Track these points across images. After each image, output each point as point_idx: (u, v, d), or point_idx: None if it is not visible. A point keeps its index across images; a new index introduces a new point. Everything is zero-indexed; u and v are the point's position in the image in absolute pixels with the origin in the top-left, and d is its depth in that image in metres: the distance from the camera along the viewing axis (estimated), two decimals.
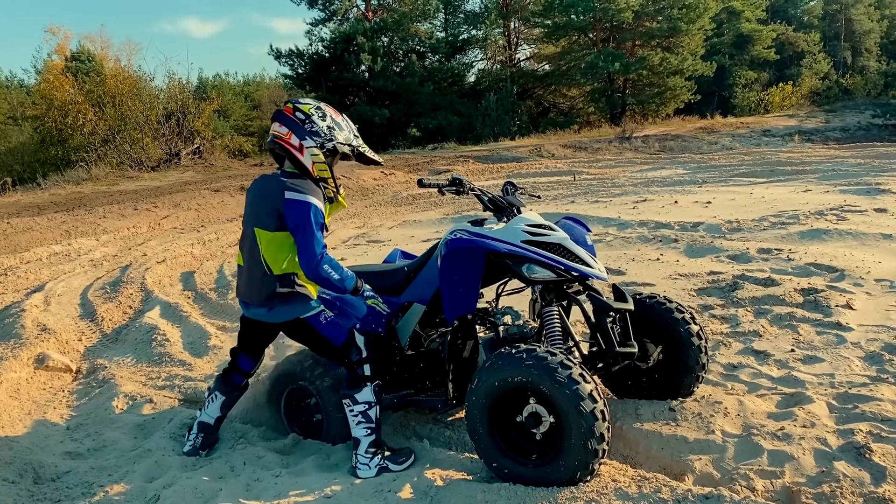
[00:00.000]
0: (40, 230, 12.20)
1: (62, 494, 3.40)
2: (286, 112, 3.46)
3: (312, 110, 3.46)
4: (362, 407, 3.41)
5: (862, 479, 2.89)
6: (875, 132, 26.24)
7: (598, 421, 2.78)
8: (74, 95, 28.46)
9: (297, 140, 3.38)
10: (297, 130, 3.40)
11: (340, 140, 3.48)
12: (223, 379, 3.77)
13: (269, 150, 3.56)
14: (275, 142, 3.44)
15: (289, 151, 3.39)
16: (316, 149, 3.39)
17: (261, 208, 3.36)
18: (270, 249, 3.33)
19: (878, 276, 5.85)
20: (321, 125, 3.44)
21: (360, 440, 3.38)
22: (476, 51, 42.45)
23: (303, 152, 3.37)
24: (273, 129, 3.45)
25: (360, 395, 3.41)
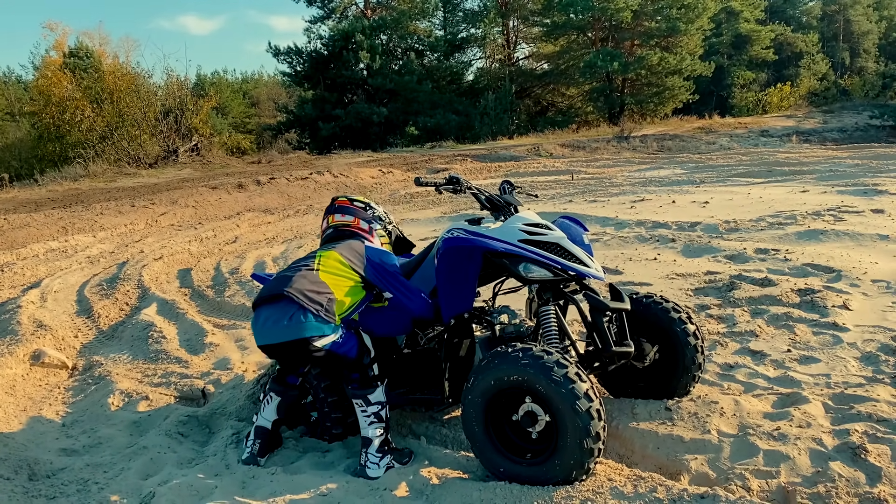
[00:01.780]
0: (37, 226, 12.18)
1: (57, 491, 3.39)
2: (344, 204, 3.83)
3: (367, 200, 3.94)
4: (375, 408, 3.40)
5: (857, 479, 2.89)
6: (873, 133, 26.28)
7: (593, 420, 2.78)
8: (72, 92, 28.45)
9: (365, 224, 3.77)
10: (361, 216, 3.77)
11: (395, 223, 4.08)
12: (278, 380, 3.64)
13: (322, 241, 3.81)
14: (339, 230, 3.72)
15: (357, 235, 3.70)
16: (382, 230, 3.92)
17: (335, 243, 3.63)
18: (328, 265, 3.48)
19: (874, 277, 5.85)
20: (380, 211, 3.98)
21: (373, 440, 3.36)
22: (475, 49, 42.54)
23: (372, 234, 3.77)
24: (333, 220, 3.77)
25: (372, 395, 3.41)
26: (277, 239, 10.77)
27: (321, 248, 3.59)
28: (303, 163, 25.07)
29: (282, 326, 3.22)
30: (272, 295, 3.29)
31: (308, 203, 15.38)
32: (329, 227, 3.77)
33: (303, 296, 3.24)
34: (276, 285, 3.33)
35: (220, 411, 4.23)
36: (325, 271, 3.39)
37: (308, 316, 3.22)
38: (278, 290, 3.27)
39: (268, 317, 3.28)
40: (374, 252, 3.56)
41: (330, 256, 3.47)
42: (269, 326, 3.26)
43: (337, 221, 3.72)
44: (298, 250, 9.37)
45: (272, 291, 3.31)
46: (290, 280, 3.30)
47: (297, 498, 3.06)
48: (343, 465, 3.46)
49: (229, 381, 4.70)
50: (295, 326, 3.21)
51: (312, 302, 3.24)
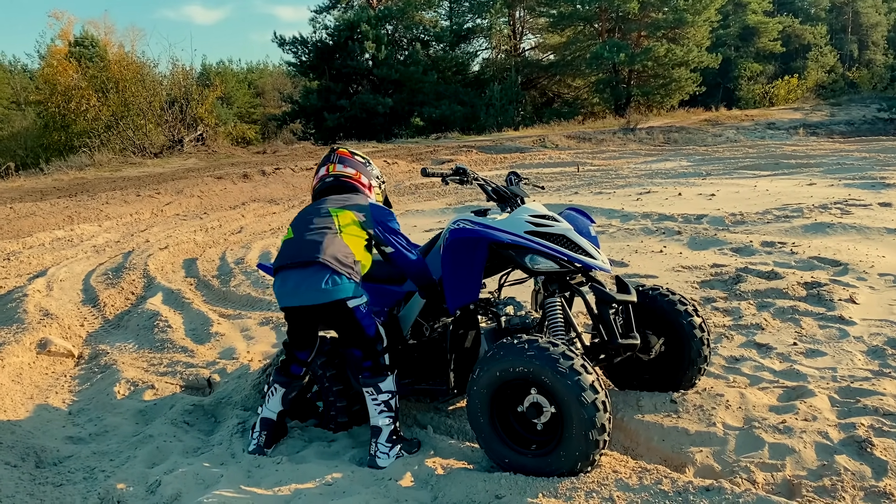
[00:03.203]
0: (43, 215, 12.21)
1: (64, 479, 3.41)
2: (346, 155, 3.76)
3: (366, 156, 3.86)
4: (385, 396, 3.39)
5: (863, 472, 2.89)
6: (881, 126, 26.16)
7: (599, 412, 2.78)
8: (78, 81, 28.48)
9: (367, 180, 3.74)
10: (363, 171, 3.74)
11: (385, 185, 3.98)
12: (282, 371, 3.62)
13: (319, 190, 3.72)
14: (341, 180, 3.66)
15: (358, 188, 3.67)
16: (378, 189, 3.82)
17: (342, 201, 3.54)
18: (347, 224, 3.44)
19: (881, 271, 5.83)
20: (377, 170, 3.88)
21: (382, 429, 3.35)
22: (480, 40, 42.35)
23: (371, 191, 3.74)
24: (335, 170, 3.69)
25: (384, 384, 3.39)
26: (282, 229, 10.77)
27: (332, 205, 3.50)
28: (308, 153, 25.07)
29: (320, 290, 3.26)
30: (304, 261, 3.30)
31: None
32: (329, 175, 3.69)
33: (336, 261, 3.27)
34: (307, 251, 3.31)
35: (225, 400, 4.24)
36: (347, 234, 3.40)
37: (342, 279, 3.28)
38: (311, 256, 3.28)
39: (300, 281, 3.30)
40: (378, 210, 3.54)
41: (347, 217, 3.45)
42: (304, 290, 3.29)
43: (338, 171, 3.65)
44: None
45: (304, 258, 3.30)
46: (319, 246, 3.29)
47: (303, 487, 3.07)
48: (348, 454, 3.46)
49: (235, 370, 4.72)
50: (333, 290, 3.27)
51: (345, 266, 3.30)
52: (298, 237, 3.41)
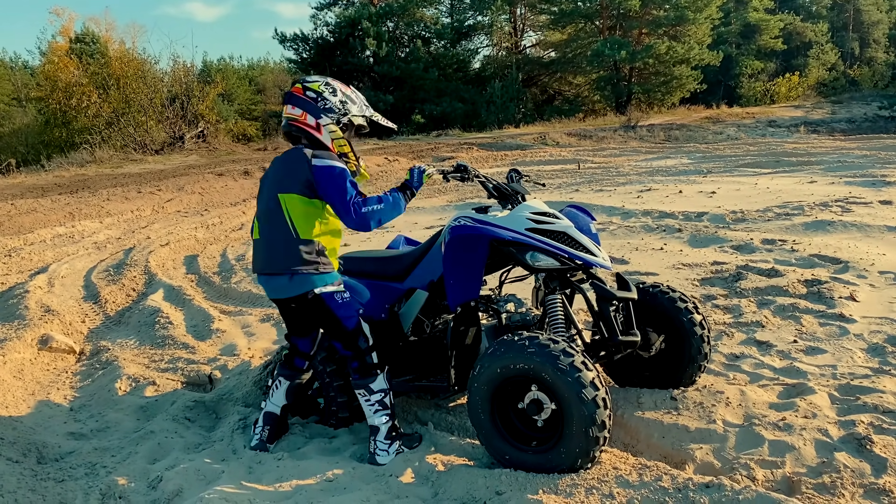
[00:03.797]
0: (44, 212, 12.22)
1: (65, 474, 3.42)
2: (296, 93, 3.41)
3: (322, 87, 3.42)
4: (378, 395, 3.38)
5: (863, 470, 2.90)
6: (882, 124, 26.13)
7: (599, 409, 2.78)
8: (79, 77, 28.47)
9: (312, 119, 3.37)
10: (310, 110, 3.37)
11: (354, 112, 3.48)
12: (286, 364, 3.63)
13: (284, 133, 3.51)
14: (290, 124, 3.41)
15: (306, 132, 3.37)
16: (333, 125, 3.38)
17: (287, 178, 3.30)
18: (298, 214, 3.26)
19: (882, 269, 5.83)
20: (334, 101, 3.42)
21: (380, 428, 3.35)
22: (481, 37, 42.29)
23: (320, 131, 3.37)
24: (286, 112, 3.42)
25: (374, 384, 3.38)
26: None
27: (280, 188, 3.31)
28: None
29: (287, 286, 3.31)
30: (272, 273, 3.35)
31: None
32: (282, 118, 3.50)
33: (297, 263, 3.25)
34: (270, 264, 3.34)
35: (226, 397, 4.25)
36: (300, 220, 3.27)
37: (304, 276, 3.27)
38: (274, 269, 3.32)
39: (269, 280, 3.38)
40: (321, 173, 3.24)
41: (293, 201, 3.27)
42: (273, 286, 3.37)
43: (288, 115, 3.43)
44: None
45: (269, 270, 3.35)
46: (278, 256, 3.29)
47: (304, 483, 3.08)
48: (349, 450, 3.47)
49: (236, 366, 4.73)
50: (296, 286, 3.29)
51: (307, 264, 3.26)
52: (262, 241, 3.39)
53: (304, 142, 3.40)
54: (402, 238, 4.40)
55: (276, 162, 3.45)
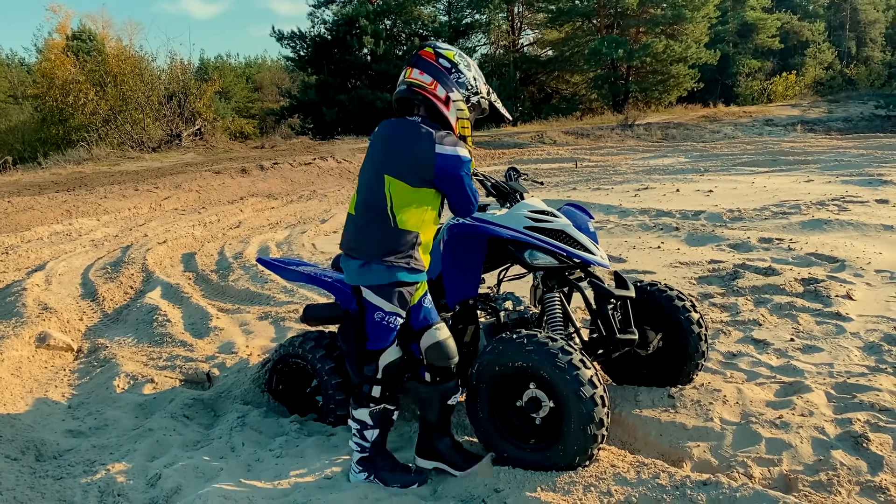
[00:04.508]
0: (41, 209, 12.20)
1: (64, 472, 3.42)
2: (428, 58, 3.05)
3: (457, 58, 3.09)
4: (356, 425, 3.09)
5: (859, 467, 2.91)
6: (878, 123, 26.16)
7: (597, 406, 2.79)
8: (75, 75, 28.40)
9: (443, 91, 3.01)
10: (442, 80, 3.01)
11: (483, 93, 3.17)
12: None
13: (397, 99, 3.11)
14: (414, 91, 3.01)
15: (431, 103, 2.99)
16: (462, 102, 3.06)
17: (399, 159, 2.94)
18: (401, 202, 2.92)
19: (878, 267, 5.85)
20: (468, 76, 3.09)
21: (353, 453, 3.13)
22: (479, 35, 42.25)
23: (448, 105, 3.01)
24: (410, 77, 3.03)
25: (357, 412, 3.07)
26: (281, 224, 10.78)
27: (388, 169, 2.94)
28: (306, 148, 25.04)
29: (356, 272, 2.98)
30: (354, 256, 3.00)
31: (311, 188, 15.37)
32: (403, 81, 3.06)
33: (383, 255, 2.91)
34: (359, 249, 2.96)
35: (225, 394, 4.26)
36: (402, 212, 2.92)
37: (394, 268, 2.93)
38: (361, 256, 2.95)
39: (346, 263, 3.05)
40: (445, 162, 2.92)
41: (399, 189, 2.92)
42: (350, 272, 3.02)
43: (413, 79, 3.02)
44: (302, 235, 9.38)
45: (355, 255, 2.98)
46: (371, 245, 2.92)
47: (302, 481, 3.09)
48: (347, 448, 3.47)
49: (234, 364, 4.73)
50: (374, 274, 2.93)
51: (398, 256, 2.92)
52: (355, 220, 3.03)
53: (418, 112, 3.06)
54: None
55: (388, 131, 3.07)
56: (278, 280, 6.74)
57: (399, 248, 2.92)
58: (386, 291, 2.93)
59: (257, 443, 3.61)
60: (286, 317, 5.76)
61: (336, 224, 10.37)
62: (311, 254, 8.20)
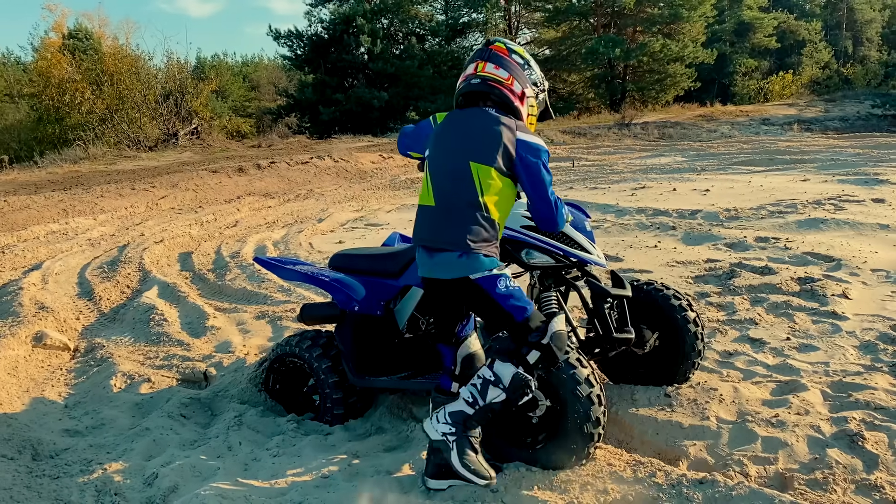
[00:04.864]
0: (37, 208, 12.17)
1: (61, 471, 3.42)
2: (501, 53, 3.01)
3: (526, 54, 3.08)
4: (488, 374, 2.80)
5: (854, 466, 2.92)
6: (874, 122, 26.22)
7: (594, 405, 2.80)
8: (72, 74, 28.30)
9: (519, 87, 2.99)
10: (518, 76, 3.00)
11: (547, 91, 3.18)
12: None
13: (465, 92, 3.05)
14: (489, 84, 2.96)
15: (507, 98, 2.96)
16: (533, 99, 3.06)
17: (484, 146, 2.85)
18: (491, 190, 2.83)
19: (874, 266, 5.87)
20: (538, 73, 3.10)
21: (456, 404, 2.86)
22: (476, 34, 42.15)
23: (523, 101, 3.00)
24: (485, 71, 2.98)
25: (499, 365, 2.78)
26: (278, 223, 10.77)
27: (474, 157, 2.84)
28: (303, 147, 25.02)
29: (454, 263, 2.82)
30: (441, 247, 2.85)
31: (308, 187, 15.36)
32: (476, 76, 3.00)
33: (474, 243, 2.79)
34: (446, 239, 2.81)
35: (222, 394, 4.25)
36: (491, 199, 2.84)
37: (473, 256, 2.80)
38: (450, 247, 2.80)
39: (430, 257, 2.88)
40: (528, 150, 2.88)
41: (489, 176, 2.83)
42: (440, 264, 2.85)
43: (489, 73, 2.97)
44: (299, 235, 9.38)
45: (441, 246, 2.83)
46: (461, 233, 2.78)
47: (299, 480, 3.09)
48: (344, 447, 3.47)
49: (231, 363, 4.73)
50: (465, 265, 2.80)
51: (482, 242, 2.81)
52: (438, 210, 2.88)
53: (486, 105, 2.99)
54: (397, 235, 4.41)
55: (463, 119, 2.99)
56: (275, 279, 6.74)
57: (491, 237, 2.85)
58: (492, 281, 2.81)
59: (254, 442, 3.61)
60: (283, 316, 5.76)
61: (332, 223, 10.36)
62: (308, 253, 8.20)
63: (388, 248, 4.06)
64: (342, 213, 11.33)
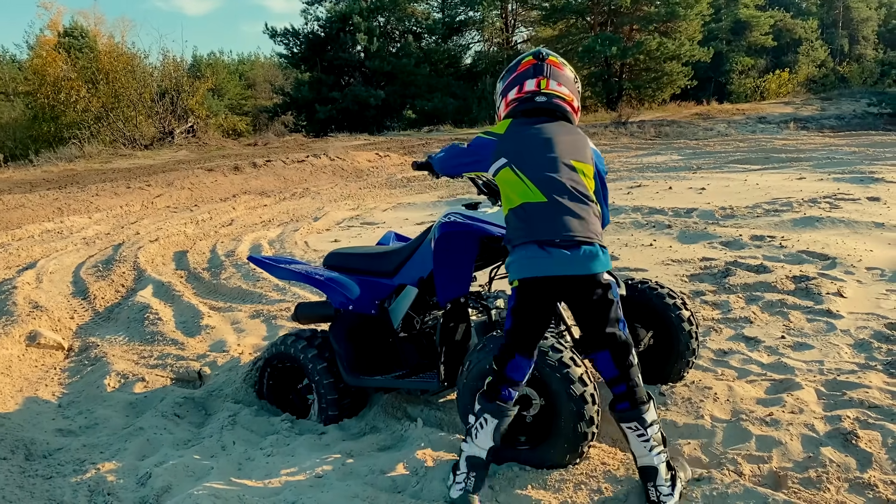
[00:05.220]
0: (32, 207, 12.14)
1: (54, 471, 3.41)
2: (558, 68, 2.97)
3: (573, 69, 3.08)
4: (654, 428, 2.72)
5: (848, 464, 2.92)
6: (870, 121, 26.25)
7: (587, 404, 2.80)
8: (67, 72, 28.23)
9: (577, 103, 3.03)
10: (574, 92, 3.01)
11: None
12: (489, 395, 2.80)
13: (523, 109, 2.97)
14: (556, 104, 2.94)
15: (570, 115, 2.99)
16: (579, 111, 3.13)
17: (578, 148, 2.87)
18: (589, 187, 2.82)
19: (869, 265, 5.87)
20: (580, 86, 3.12)
21: (658, 468, 2.67)
22: (473, 32, 42.23)
23: (577, 115, 3.04)
24: (551, 89, 2.93)
25: (647, 414, 2.72)
26: (273, 222, 10.76)
27: (573, 156, 2.82)
28: (299, 145, 24.98)
29: (601, 257, 2.74)
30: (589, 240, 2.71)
31: (304, 186, 15.34)
32: (541, 93, 2.93)
33: (599, 237, 2.76)
34: (577, 232, 2.66)
35: (216, 393, 4.25)
36: (594, 199, 2.81)
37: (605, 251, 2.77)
38: (584, 238, 2.67)
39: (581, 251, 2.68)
40: (600, 159, 3.01)
41: (588, 171, 2.85)
42: (591, 257, 2.68)
43: (553, 90, 2.91)
44: (294, 233, 9.36)
45: (573, 240, 2.66)
46: (587, 225, 2.70)
47: (293, 480, 3.08)
48: (338, 447, 3.47)
49: (225, 363, 4.72)
50: (607, 260, 2.75)
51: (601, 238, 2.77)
52: (558, 204, 2.71)
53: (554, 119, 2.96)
54: (392, 234, 4.41)
55: (541, 129, 2.89)
56: (270, 278, 6.73)
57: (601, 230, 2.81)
58: (614, 281, 2.78)
59: (248, 441, 3.60)
60: (278, 315, 5.75)
61: (329, 221, 10.35)
62: (304, 252, 8.19)
63: (382, 247, 4.06)
64: (338, 212, 11.32)
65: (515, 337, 2.74)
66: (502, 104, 3.07)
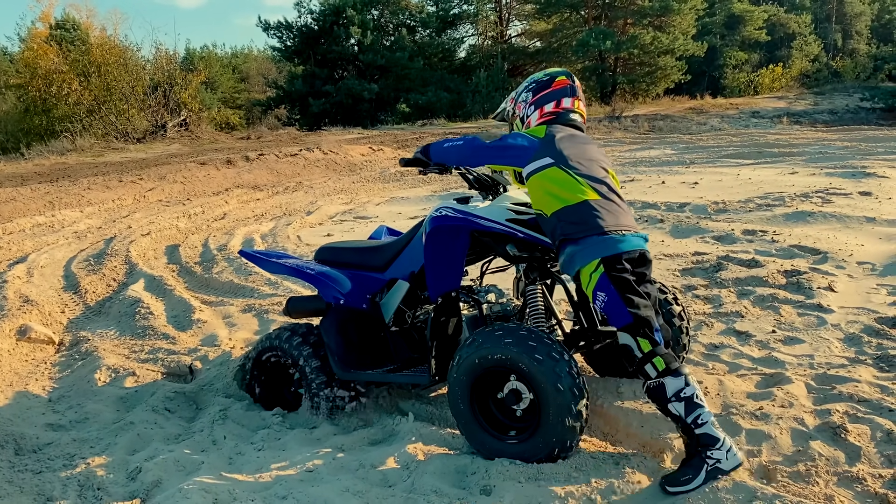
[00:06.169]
0: (23, 201, 12.07)
1: (43, 466, 3.40)
2: (580, 89, 3.46)
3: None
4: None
5: (837, 458, 2.94)
6: (863, 115, 26.34)
7: (575, 398, 2.80)
8: (59, 64, 28.04)
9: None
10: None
11: None
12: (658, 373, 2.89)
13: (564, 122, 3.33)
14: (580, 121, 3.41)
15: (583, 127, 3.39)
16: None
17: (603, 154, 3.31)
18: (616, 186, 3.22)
19: (860, 259, 5.89)
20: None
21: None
22: (467, 26, 42.10)
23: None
24: (580, 109, 3.42)
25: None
26: (266, 216, 10.73)
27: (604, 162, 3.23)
28: (292, 139, 24.91)
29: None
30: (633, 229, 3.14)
31: (297, 180, 15.31)
32: (576, 111, 3.38)
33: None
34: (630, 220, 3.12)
35: (207, 387, 4.24)
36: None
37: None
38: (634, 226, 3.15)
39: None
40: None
41: (615, 178, 3.25)
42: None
43: (582, 111, 3.41)
44: (287, 227, 9.34)
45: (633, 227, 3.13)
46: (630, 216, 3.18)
47: (284, 474, 3.08)
48: (330, 441, 3.46)
49: (217, 357, 4.71)
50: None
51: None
52: (612, 201, 3.08)
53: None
54: (384, 228, 4.41)
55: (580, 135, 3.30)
56: (262, 272, 6.71)
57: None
58: None
59: (239, 436, 3.60)
60: (270, 309, 5.74)
61: (321, 216, 10.33)
62: (297, 246, 8.17)
63: (374, 242, 4.05)
64: (331, 206, 11.29)
65: (635, 304, 2.89)
66: (536, 113, 3.40)
